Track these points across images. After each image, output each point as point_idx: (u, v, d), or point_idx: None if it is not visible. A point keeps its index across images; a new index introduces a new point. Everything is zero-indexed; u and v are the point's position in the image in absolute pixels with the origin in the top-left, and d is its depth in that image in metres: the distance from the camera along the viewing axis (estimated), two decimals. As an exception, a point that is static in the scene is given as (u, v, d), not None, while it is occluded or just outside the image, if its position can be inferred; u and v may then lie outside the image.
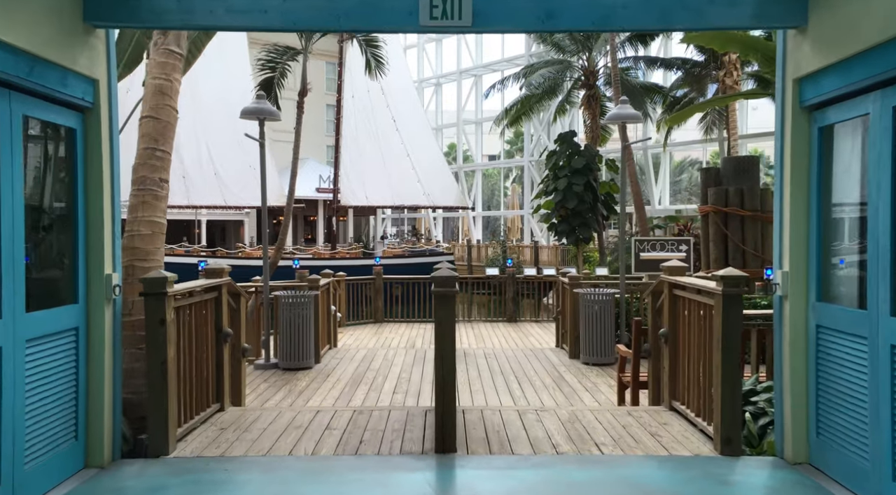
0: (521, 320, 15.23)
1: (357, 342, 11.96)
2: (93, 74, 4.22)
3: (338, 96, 29.30)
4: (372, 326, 14.36)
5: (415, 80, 41.58)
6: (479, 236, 39.63)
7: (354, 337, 12.67)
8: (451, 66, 40.35)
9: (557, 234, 24.99)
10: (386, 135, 29.18)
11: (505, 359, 9.56)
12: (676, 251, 9.07)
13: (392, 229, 46.31)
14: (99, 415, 4.33)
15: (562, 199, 23.65)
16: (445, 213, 42.30)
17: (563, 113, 28.50)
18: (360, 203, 29.86)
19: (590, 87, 25.73)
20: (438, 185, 29.82)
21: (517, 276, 15.51)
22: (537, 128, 35.79)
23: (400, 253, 29.22)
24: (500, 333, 13.30)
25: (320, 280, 9.74)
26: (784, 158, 4.33)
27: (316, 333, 9.17)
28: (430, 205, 30.31)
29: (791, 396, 4.27)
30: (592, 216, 24.06)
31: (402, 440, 4.92)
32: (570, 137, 24.46)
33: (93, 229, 4.28)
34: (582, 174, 23.71)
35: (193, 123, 27.96)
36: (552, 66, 26.14)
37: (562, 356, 9.62)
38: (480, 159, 39.98)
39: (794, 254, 4.24)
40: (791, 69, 4.30)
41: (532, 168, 35.75)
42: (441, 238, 41.02)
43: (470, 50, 39.40)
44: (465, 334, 13.13)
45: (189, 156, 27.94)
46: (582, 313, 8.91)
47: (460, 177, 40.22)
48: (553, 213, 24.43)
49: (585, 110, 25.98)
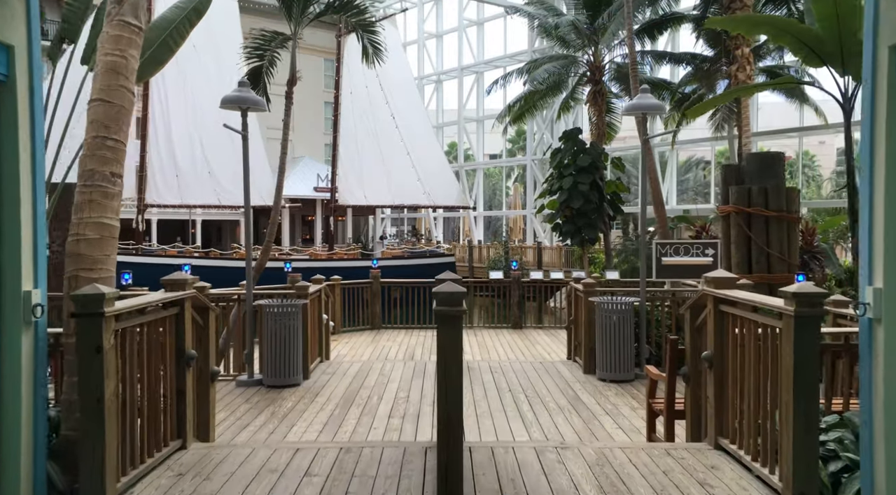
0: (526, 326, 14.38)
1: (352, 352, 11.08)
2: (6, 39, 3.35)
3: (335, 93, 28.40)
4: (369, 333, 13.49)
5: (415, 77, 40.72)
6: (481, 237, 38.73)
7: (350, 345, 11.79)
8: (452, 63, 39.45)
9: (562, 235, 24.10)
10: (385, 132, 28.28)
11: (513, 374, 8.69)
12: (702, 256, 8.19)
13: (392, 229, 45.40)
14: (13, 462, 3.46)
15: (567, 199, 22.77)
16: (446, 213, 41.39)
17: (567, 110, 27.60)
18: (358, 202, 28.98)
19: (595, 82, 24.83)
20: (439, 184, 28.93)
21: (523, 280, 14.63)
22: (540, 126, 34.88)
23: (399, 254, 28.34)
24: (504, 342, 12.43)
25: (309, 287, 8.84)
26: (875, 147, 3.46)
27: (304, 346, 8.29)
28: (430, 204, 29.42)
29: (887, 442, 3.39)
30: (598, 216, 23.19)
31: (398, 490, 4.05)
32: (575, 134, 23.58)
33: (6, 234, 3.40)
34: (588, 173, 22.85)
35: (186, 120, 27.13)
36: (556, 61, 25.23)
37: (575, 371, 8.74)
38: (482, 158, 39.08)
39: (891, 266, 3.36)
40: (886, 34, 3.42)
41: (535, 167, 34.87)
42: (441, 238, 40.12)
43: (471, 46, 38.48)
44: (467, 343, 12.26)
45: (182, 153, 27.09)
46: (598, 324, 8.04)
47: (461, 176, 39.32)
48: (557, 213, 23.55)
49: (591, 107, 25.07)
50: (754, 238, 10.98)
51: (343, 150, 28.39)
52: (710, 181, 34.45)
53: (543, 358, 10.43)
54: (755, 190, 11.08)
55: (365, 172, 28.32)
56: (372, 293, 14.11)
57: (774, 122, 28.13)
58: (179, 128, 26.92)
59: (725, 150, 39.87)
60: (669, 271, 8.31)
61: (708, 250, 8.28)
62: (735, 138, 25.12)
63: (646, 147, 7.31)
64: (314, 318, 8.93)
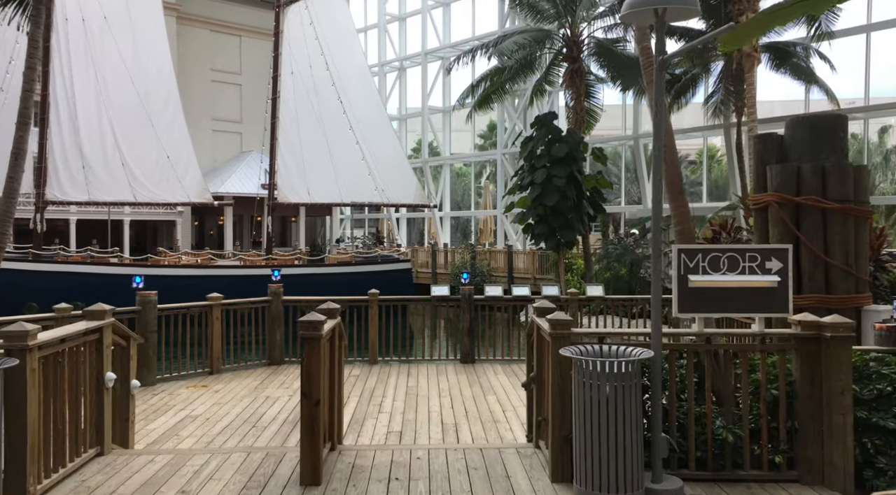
0: (480, 359, 10.71)
1: (206, 413, 7.28)
2: None
3: (274, 73, 24.54)
4: (261, 373, 9.72)
5: (376, 63, 36.96)
6: (448, 239, 35.06)
7: (209, 401, 7.98)
8: (416, 48, 35.75)
9: (534, 238, 20.50)
10: (332, 119, 24.46)
11: (438, 487, 4.94)
12: (759, 272, 4.60)
13: (359, 232, 41.52)
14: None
15: (539, 195, 19.17)
16: (410, 214, 37.64)
17: (541, 94, 24.01)
18: (301, 200, 25.11)
19: (573, 60, 21.30)
20: (394, 180, 25.18)
21: (476, 298, 10.94)
22: (511, 115, 31.30)
23: (347, 259, 24.54)
24: (445, 389, 8.78)
25: (34, 333, 5.08)
26: None
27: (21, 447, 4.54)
28: (383, 202, 25.64)
29: None
30: (576, 216, 19.64)
31: None
32: (549, 120, 19.99)
33: None
34: (564, 164, 19.26)
35: (96, 102, 23.10)
36: (528, 33, 21.65)
37: (538, 476, 5.00)
38: (449, 152, 35.42)
39: None
40: None
41: (506, 161, 31.28)
42: (405, 242, 36.35)
43: (437, 29, 34.83)
44: (391, 390, 8.59)
45: (91, 142, 23.04)
46: (578, 396, 4.39)
47: (426, 172, 35.62)
48: (529, 212, 19.96)
49: (568, 88, 21.55)
50: (806, 240, 7.43)
51: (283, 140, 24.54)
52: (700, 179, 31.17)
53: (492, 432, 6.77)
54: (807, 170, 7.53)
55: (308, 165, 24.48)
56: (270, 317, 10.31)
57: (775, 108, 24.81)
58: (87, 111, 22.89)
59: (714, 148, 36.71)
60: (701, 299, 4.69)
61: (770, 261, 4.68)
62: (733, 127, 21.78)
63: (661, 75, 3.57)
64: (65, 383, 5.12)
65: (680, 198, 5.70)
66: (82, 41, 22.94)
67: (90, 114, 23.03)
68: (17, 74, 22.36)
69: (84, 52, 22.86)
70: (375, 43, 38.04)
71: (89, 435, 4.87)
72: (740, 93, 19.80)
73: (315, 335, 4.42)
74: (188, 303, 9.45)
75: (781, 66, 20.14)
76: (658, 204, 4.49)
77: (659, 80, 4.46)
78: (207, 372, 9.56)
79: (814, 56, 20.40)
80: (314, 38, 24.21)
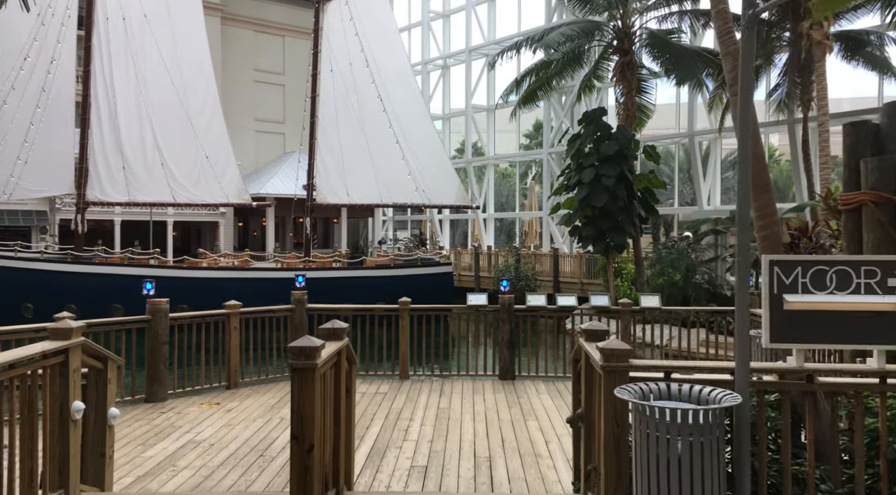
0: (521, 376, 9.74)
1: (212, 438, 6.49)
2: None
3: (313, 71, 23.96)
4: (281, 388, 8.95)
5: (418, 62, 36.21)
6: (492, 242, 34.04)
7: (221, 421, 7.20)
8: (460, 45, 34.85)
9: (581, 241, 19.40)
10: (372, 118, 23.73)
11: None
12: (883, 292, 3.52)
13: (403, 234, 40.85)
14: None
15: (587, 195, 18.09)
16: (453, 216, 36.77)
17: (589, 90, 22.78)
18: (340, 201, 24.46)
19: (624, 52, 20.08)
20: (436, 180, 24.29)
21: (517, 308, 9.95)
22: (558, 113, 30.12)
23: (386, 262, 23.77)
24: (480, 411, 7.85)
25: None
26: None
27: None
28: (424, 203, 24.78)
29: None
30: (627, 218, 18.48)
31: None
32: (598, 116, 18.89)
33: None
34: (614, 163, 18.13)
35: (136, 102, 22.91)
36: (576, 24, 20.52)
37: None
38: (493, 152, 34.39)
39: None
40: None
41: (552, 161, 30.10)
42: (448, 244, 35.47)
43: (481, 26, 33.87)
44: (420, 412, 7.71)
45: (131, 142, 22.85)
46: (639, 450, 3.40)
47: (469, 173, 34.69)
48: (576, 214, 18.89)
49: (618, 82, 20.32)
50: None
51: (322, 139, 23.94)
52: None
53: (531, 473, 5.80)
54: (913, 163, 6.35)
55: (348, 165, 23.82)
56: (294, 326, 9.54)
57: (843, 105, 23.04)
58: (127, 111, 22.69)
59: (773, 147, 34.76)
60: (801, 326, 3.65)
61: (894, 278, 3.60)
62: (797, 123, 20.24)
63: (751, 35, 2.49)
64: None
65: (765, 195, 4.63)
66: (122, 40, 22.78)
67: (130, 113, 22.85)
68: (59, 75, 22.41)
69: (124, 52, 22.70)
70: (419, 41, 37.32)
71: (50, 477, 4.10)
72: (807, 85, 18.31)
73: (308, 365, 3.54)
74: (204, 311, 8.75)
75: (854, 56, 18.54)
76: (745, 197, 3.46)
77: (748, 43, 3.43)
78: (224, 386, 8.84)
79: (889, 44, 18.76)
80: (354, 34, 23.55)
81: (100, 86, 22.62)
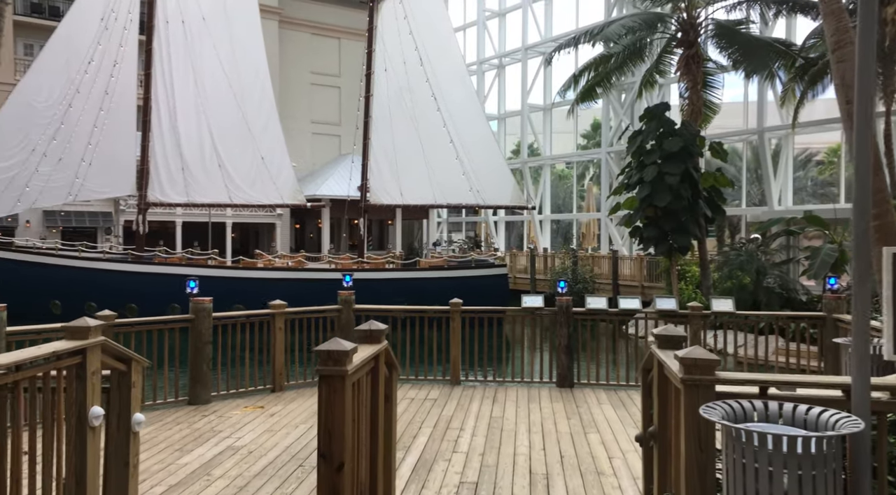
0: (580, 384, 9.13)
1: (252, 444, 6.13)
2: None
3: (367, 70, 23.79)
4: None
5: (473, 62, 35.75)
6: (548, 244, 33.25)
7: (262, 426, 6.83)
8: (516, 43, 34.22)
9: (643, 242, 18.52)
10: (425, 118, 23.39)
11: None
12: None
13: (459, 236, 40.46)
14: None
15: (649, 195, 17.24)
16: (509, 217, 36.15)
17: (650, 86, 21.86)
18: (393, 201, 24.20)
19: (689, 44, 19.13)
20: (490, 181, 23.76)
21: (575, 311, 9.34)
22: (618, 111, 29.15)
23: (440, 263, 23.35)
24: (536, 421, 7.30)
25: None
26: None
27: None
28: (478, 203, 24.27)
29: None
30: (691, 218, 17.53)
31: None
32: (661, 111, 18.01)
33: None
34: (678, 160, 17.23)
35: (194, 104, 23.19)
36: (638, 16, 19.67)
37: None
38: (550, 152, 33.61)
39: None
40: None
41: (610, 160, 29.15)
42: (503, 246, 34.85)
43: (538, 23, 33.17)
44: (471, 421, 7.22)
45: (189, 143, 23.14)
46: (733, 482, 2.81)
47: (525, 173, 34.00)
48: (637, 214, 18.03)
49: (683, 76, 19.37)
50: None
51: (375, 139, 23.73)
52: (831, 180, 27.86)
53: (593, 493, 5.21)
54: None
55: (401, 165, 23.54)
56: (340, 326, 9.18)
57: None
58: (186, 113, 22.99)
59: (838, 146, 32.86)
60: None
61: None
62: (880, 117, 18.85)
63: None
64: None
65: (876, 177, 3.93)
66: (182, 43, 23.10)
67: (189, 115, 23.15)
68: (121, 78, 22.86)
69: (183, 54, 23.01)
70: (474, 41, 36.86)
71: (62, 491, 3.77)
72: (891, 75, 17.01)
73: (337, 371, 3.09)
74: (249, 311, 8.47)
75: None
76: (864, 183, 2.83)
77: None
78: (269, 389, 8.54)
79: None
80: (408, 32, 23.26)
81: (160, 88, 23.00)
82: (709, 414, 2.89)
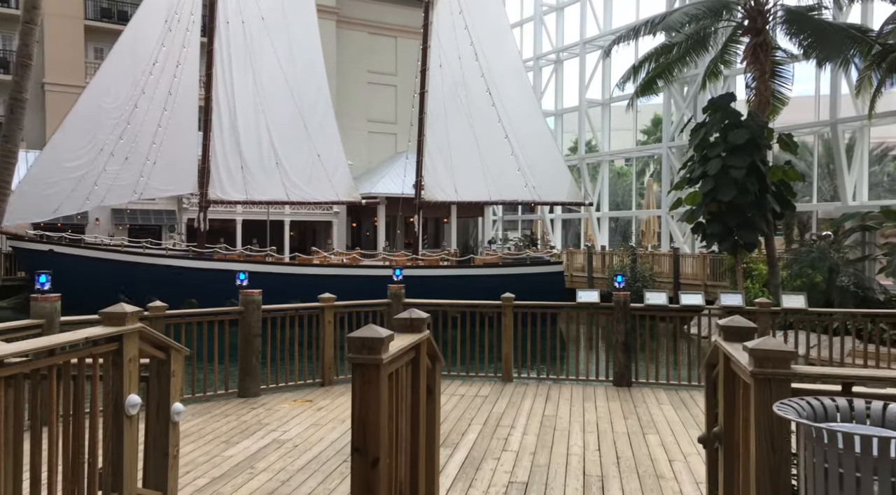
0: (637, 383, 8.74)
1: (297, 438, 6.03)
2: None
3: (422, 66, 23.70)
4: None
5: (530, 57, 35.28)
6: (606, 242, 32.50)
7: (309, 420, 6.75)
8: (574, 37, 33.58)
9: (706, 239, 17.81)
10: (480, 114, 23.13)
11: None
12: None
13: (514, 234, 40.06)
14: None
15: (713, 189, 16.54)
16: (565, 215, 35.53)
17: (714, 77, 21.02)
18: (448, 198, 24.04)
19: (757, 32, 18.27)
20: (546, 177, 23.32)
21: (634, 306, 8.94)
22: (679, 105, 28.23)
23: (494, 260, 23.06)
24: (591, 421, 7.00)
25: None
26: None
27: None
28: (534, 200, 23.86)
29: None
30: (758, 213, 16.71)
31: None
32: (726, 102, 17.28)
33: None
34: (744, 153, 16.47)
35: (254, 102, 23.58)
36: (702, 3, 18.91)
37: None
38: (608, 148, 32.86)
39: None
40: None
41: (672, 155, 28.26)
42: (559, 244, 34.25)
43: (596, 16, 32.45)
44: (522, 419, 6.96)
45: (248, 142, 23.55)
46: (813, 487, 2.47)
47: (582, 170, 33.34)
48: (699, 209, 17.32)
49: (750, 65, 18.52)
50: None
51: (430, 136, 23.63)
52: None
53: None
54: None
55: (456, 162, 23.36)
56: (389, 320, 9.02)
57: None
58: (245, 111, 23.40)
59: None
60: None
61: None
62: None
63: None
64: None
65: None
66: (242, 43, 23.51)
67: (248, 114, 23.55)
68: (183, 78, 23.44)
69: (243, 54, 23.42)
70: (531, 36, 36.37)
71: (98, 480, 3.70)
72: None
73: (372, 360, 2.88)
74: (298, 304, 8.41)
75: None
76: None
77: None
78: (318, 383, 8.46)
79: None
80: (463, 27, 23.07)
81: (220, 88, 23.47)
82: (783, 412, 2.56)
